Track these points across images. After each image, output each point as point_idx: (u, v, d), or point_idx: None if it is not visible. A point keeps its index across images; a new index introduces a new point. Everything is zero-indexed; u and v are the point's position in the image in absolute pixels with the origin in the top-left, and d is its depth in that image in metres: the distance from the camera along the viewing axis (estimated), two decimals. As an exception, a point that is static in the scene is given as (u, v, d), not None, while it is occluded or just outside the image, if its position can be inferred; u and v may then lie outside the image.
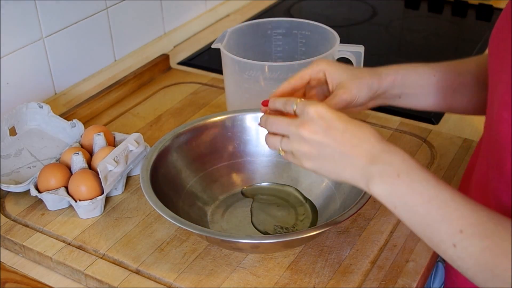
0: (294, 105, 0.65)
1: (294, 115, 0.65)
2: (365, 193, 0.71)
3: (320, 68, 0.76)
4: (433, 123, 1.02)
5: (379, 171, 0.60)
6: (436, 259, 0.78)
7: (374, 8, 1.48)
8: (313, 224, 0.79)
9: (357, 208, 0.69)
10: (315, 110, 0.62)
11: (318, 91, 0.78)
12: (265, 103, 0.71)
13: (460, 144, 0.94)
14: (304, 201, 0.83)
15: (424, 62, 1.29)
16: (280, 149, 0.66)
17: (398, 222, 0.79)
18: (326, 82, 0.76)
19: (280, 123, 0.65)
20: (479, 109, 0.79)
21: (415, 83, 0.79)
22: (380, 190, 0.60)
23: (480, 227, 0.56)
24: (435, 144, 0.95)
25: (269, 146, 0.68)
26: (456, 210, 0.57)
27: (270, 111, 0.71)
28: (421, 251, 0.75)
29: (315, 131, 0.62)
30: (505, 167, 0.61)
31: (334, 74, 0.75)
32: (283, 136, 0.66)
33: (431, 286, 0.84)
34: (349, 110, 0.78)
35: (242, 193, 0.85)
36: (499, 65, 0.63)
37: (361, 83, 0.75)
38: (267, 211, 0.82)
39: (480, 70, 0.78)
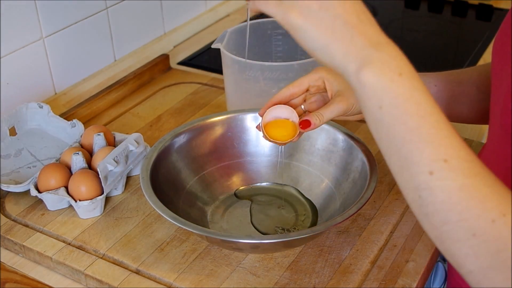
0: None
1: None
2: (365, 193, 0.71)
3: (319, 75, 0.74)
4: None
5: (380, 60, 0.51)
6: (436, 259, 0.78)
7: (374, 8, 1.48)
8: (313, 224, 0.79)
9: (357, 208, 0.69)
10: None
11: (318, 98, 0.77)
12: (261, 114, 0.72)
13: (460, 144, 0.94)
14: (304, 201, 0.83)
15: (424, 62, 1.29)
16: None
17: (398, 222, 0.79)
18: (325, 90, 0.75)
19: None
20: (480, 118, 0.78)
21: None
22: (373, 80, 0.50)
23: (466, 164, 0.49)
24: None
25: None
26: (447, 137, 0.50)
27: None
28: (421, 251, 0.75)
29: None
30: None
31: (333, 82, 0.73)
32: None
33: (431, 286, 0.84)
34: (347, 118, 0.77)
35: (235, 195, 0.84)
36: (501, 70, 0.63)
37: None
38: (267, 212, 0.82)
39: (481, 79, 0.77)
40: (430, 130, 0.50)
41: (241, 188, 0.86)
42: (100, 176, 0.80)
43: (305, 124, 0.72)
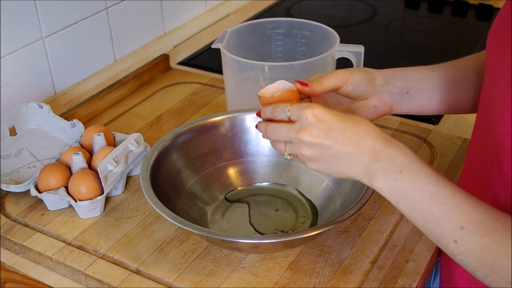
0: (287, 111, 0.65)
1: (289, 120, 0.65)
2: (365, 193, 0.71)
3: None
4: (433, 123, 1.02)
5: (381, 167, 0.60)
6: (436, 259, 0.78)
7: (374, 8, 1.48)
8: (313, 225, 0.79)
9: (357, 208, 0.69)
10: (312, 113, 0.62)
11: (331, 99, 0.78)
12: (258, 114, 0.71)
13: (460, 144, 0.94)
14: (304, 201, 0.83)
15: (424, 62, 1.29)
16: (286, 154, 0.67)
17: (398, 222, 0.79)
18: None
19: (279, 131, 0.65)
20: None
21: (417, 77, 0.78)
22: (383, 186, 0.60)
23: (480, 224, 0.56)
24: (435, 144, 0.95)
25: (276, 150, 0.68)
26: (457, 207, 0.58)
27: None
28: (421, 251, 0.75)
29: (316, 135, 0.62)
30: (505, 168, 0.61)
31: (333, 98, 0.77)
32: (286, 141, 0.66)
33: (431, 286, 0.84)
34: (353, 107, 0.76)
35: (226, 199, 0.84)
36: (497, 64, 0.63)
37: (353, 70, 0.74)
38: (266, 213, 0.82)
39: (479, 65, 0.78)
40: (440, 207, 0.58)
41: (231, 192, 0.85)
42: (100, 176, 0.80)
43: (303, 84, 0.71)
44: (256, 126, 0.71)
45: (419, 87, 0.77)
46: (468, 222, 0.57)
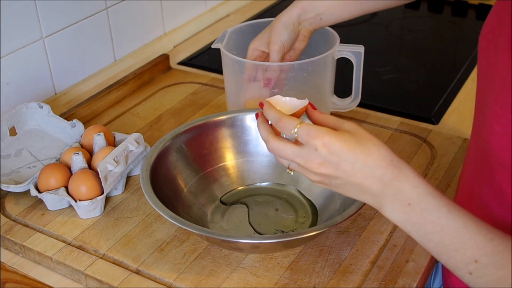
0: (294, 133, 0.61)
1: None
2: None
3: (252, 48, 0.91)
4: (433, 123, 1.02)
5: (390, 199, 0.59)
6: (436, 259, 0.78)
7: (374, 8, 1.47)
8: (313, 225, 0.79)
9: (357, 208, 0.69)
10: (323, 145, 0.59)
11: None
12: (261, 105, 0.68)
13: (460, 144, 0.94)
14: (304, 201, 0.83)
15: (424, 62, 1.29)
16: (292, 172, 0.65)
17: (398, 222, 0.79)
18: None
19: (285, 153, 0.62)
20: None
21: (325, 4, 0.89)
22: (392, 216, 0.60)
23: (496, 257, 0.56)
24: (435, 144, 0.95)
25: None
26: (470, 240, 0.56)
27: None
28: (421, 251, 0.75)
29: (325, 167, 0.60)
30: (495, 178, 0.61)
31: (263, 43, 0.91)
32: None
33: (431, 286, 0.84)
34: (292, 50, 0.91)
35: (221, 201, 0.84)
36: (488, 71, 0.63)
37: (276, 35, 0.89)
38: (266, 214, 0.82)
39: None
40: (452, 240, 0.57)
41: (230, 192, 0.85)
42: (100, 176, 0.80)
43: (313, 107, 0.71)
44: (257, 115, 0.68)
45: (331, 12, 0.89)
46: (482, 255, 0.56)
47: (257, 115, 0.68)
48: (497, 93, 0.59)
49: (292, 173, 0.65)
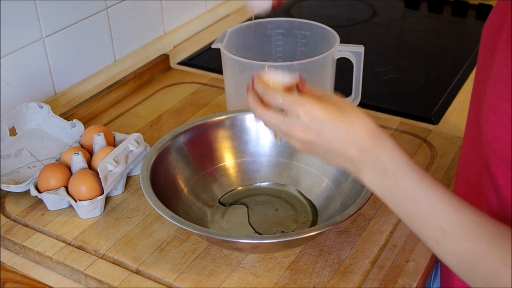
0: (279, 99, 0.63)
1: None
2: (365, 193, 0.71)
3: None
4: (433, 123, 1.02)
5: (368, 166, 0.61)
6: (436, 259, 0.78)
7: (374, 8, 1.48)
8: (313, 225, 0.79)
9: (357, 208, 0.69)
10: (304, 111, 0.61)
11: None
12: (252, 78, 0.69)
13: (460, 144, 0.94)
14: (304, 201, 0.83)
15: (424, 62, 1.29)
16: (278, 140, 0.68)
17: (398, 222, 0.79)
18: None
19: (271, 121, 0.65)
20: None
21: None
22: (368, 183, 0.62)
23: (463, 229, 0.57)
24: (435, 144, 0.95)
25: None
26: (440, 210, 0.58)
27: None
28: (421, 251, 0.75)
29: (307, 134, 0.62)
30: (490, 169, 0.61)
31: None
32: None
33: (431, 286, 0.84)
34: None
35: (220, 202, 0.83)
36: (487, 62, 0.63)
37: None
38: (266, 214, 0.82)
39: None
40: (423, 210, 0.59)
41: (230, 192, 0.85)
42: (100, 176, 0.80)
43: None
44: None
45: None
46: (450, 225, 0.57)
47: (248, 88, 0.70)
48: (494, 83, 0.59)
49: (279, 143, 0.67)
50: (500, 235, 0.56)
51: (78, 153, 0.84)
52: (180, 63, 1.24)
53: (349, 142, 0.61)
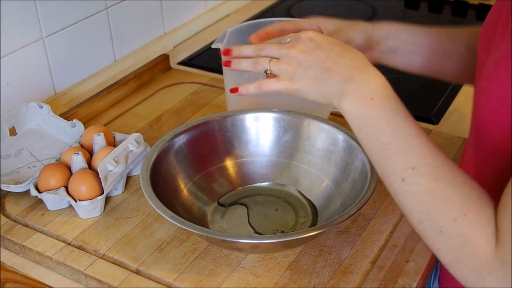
0: (288, 37, 0.69)
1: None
2: (365, 193, 0.71)
3: (315, 21, 0.82)
4: (433, 123, 1.02)
5: (354, 89, 0.61)
6: (436, 259, 0.78)
7: (374, 8, 1.48)
8: (313, 225, 0.79)
9: (357, 208, 0.69)
10: (306, 34, 0.67)
11: None
12: (226, 52, 0.73)
13: (460, 144, 0.94)
14: (304, 201, 0.83)
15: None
16: (268, 68, 0.68)
17: (398, 222, 0.79)
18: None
19: (273, 47, 0.68)
20: (466, 77, 0.82)
21: (409, 40, 0.82)
22: (350, 108, 0.61)
23: (433, 169, 0.57)
24: (435, 144, 0.94)
25: (255, 68, 0.70)
26: (416, 147, 0.58)
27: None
28: (421, 251, 0.75)
29: (303, 50, 0.65)
30: (480, 154, 0.62)
31: (329, 25, 0.81)
32: (272, 58, 0.68)
33: (431, 286, 0.84)
34: None
35: (219, 203, 0.83)
36: (484, 60, 0.64)
37: (355, 27, 0.81)
38: (266, 214, 0.82)
39: (472, 39, 0.80)
40: (400, 143, 0.59)
41: (230, 193, 0.85)
42: (100, 176, 0.80)
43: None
44: (226, 53, 0.73)
45: (408, 50, 0.82)
46: (421, 164, 0.57)
47: (225, 52, 0.74)
48: (486, 70, 0.60)
49: (268, 73, 0.68)
50: (468, 185, 0.56)
51: (78, 153, 0.84)
52: (180, 63, 1.24)
53: (341, 63, 0.63)
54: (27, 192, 0.84)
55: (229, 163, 0.86)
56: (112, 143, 0.91)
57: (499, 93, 0.57)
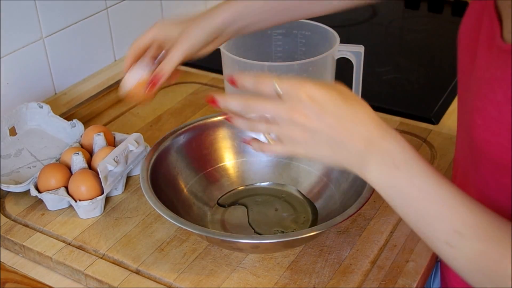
0: (275, 85, 0.58)
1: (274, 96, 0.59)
2: (365, 193, 0.71)
3: (152, 36, 0.78)
4: (433, 123, 1.02)
5: (376, 159, 0.56)
6: (436, 259, 0.78)
7: (374, 8, 1.48)
8: (313, 225, 0.79)
9: (357, 208, 0.69)
10: (306, 93, 0.57)
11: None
12: (231, 80, 0.62)
13: (460, 144, 0.94)
14: (304, 201, 0.83)
15: (424, 62, 1.29)
16: (267, 136, 0.61)
17: (398, 222, 0.79)
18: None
19: (267, 106, 0.59)
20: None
21: (252, 13, 0.77)
22: (375, 179, 0.57)
23: (478, 230, 0.54)
24: (435, 144, 0.95)
25: (251, 130, 0.62)
26: (454, 209, 0.55)
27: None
28: (421, 251, 0.75)
29: (309, 117, 0.57)
30: (479, 171, 0.61)
31: (173, 30, 0.77)
32: (267, 120, 0.59)
33: (431, 286, 0.84)
34: (195, 55, 0.77)
35: (219, 204, 0.83)
36: (469, 66, 0.63)
37: (198, 26, 0.75)
38: (266, 214, 0.82)
39: None
40: (436, 208, 0.55)
41: (230, 193, 0.85)
42: (100, 176, 0.80)
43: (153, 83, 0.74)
44: (212, 102, 0.62)
45: (255, 20, 0.78)
46: (464, 226, 0.54)
47: (210, 100, 0.63)
48: (478, 87, 0.59)
49: (270, 137, 0.60)
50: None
51: (78, 153, 0.84)
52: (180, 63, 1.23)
53: (355, 132, 0.56)
54: (27, 192, 0.84)
55: (229, 163, 0.86)
56: (112, 143, 0.91)
57: (498, 115, 0.55)
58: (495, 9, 0.60)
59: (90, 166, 0.85)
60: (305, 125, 0.57)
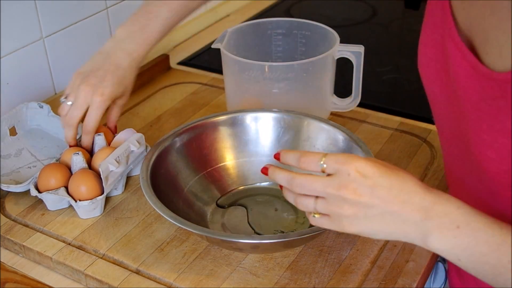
0: (322, 163, 0.57)
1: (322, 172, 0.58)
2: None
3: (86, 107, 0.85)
4: (433, 123, 1.02)
5: (436, 225, 0.55)
6: (436, 259, 0.78)
7: (374, 8, 1.48)
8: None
9: (357, 208, 0.69)
10: (356, 169, 0.55)
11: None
12: (276, 156, 0.63)
13: (460, 144, 0.94)
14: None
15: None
16: (314, 212, 0.59)
17: (398, 222, 0.79)
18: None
19: (314, 185, 0.57)
20: None
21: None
22: (440, 245, 0.55)
23: None
24: (435, 144, 0.95)
25: (297, 206, 0.60)
26: None
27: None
28: (421, 251, 0.75)
29: (361, 193, 0.55)
30: (496, 199, 0.60)
31: (116, 91, 0.88)
32: (317, 197, 0.58)
33: (431, 286, 0.84)
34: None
35: (218, 204, 0.83)
36: (444, 95, 0.64)
37: (123, 82, 0.89)
38: (266, 214, 0.82)
39: None
40: (510, 258, 0.53)
41: (230, 193, 0.85)
42: (101, 176, 0.80)
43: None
44: (263, 171, 0.63)
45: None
46: None
47: (264, 170, 0.64)
48: (477, 119, 0.58)
49: (317, 217, 0.59)
50: None
51: (78, 153, 0.84)
52: (180, 63, 1.24)
53: (407, 201, 0.55)
54: (27, 192, 0.84)
55: (229, 163, 0.86)
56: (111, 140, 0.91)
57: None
58: (459, 37, 0.60)
59: (90, 166, 0.85)
60: (358, 201, 0.55)
